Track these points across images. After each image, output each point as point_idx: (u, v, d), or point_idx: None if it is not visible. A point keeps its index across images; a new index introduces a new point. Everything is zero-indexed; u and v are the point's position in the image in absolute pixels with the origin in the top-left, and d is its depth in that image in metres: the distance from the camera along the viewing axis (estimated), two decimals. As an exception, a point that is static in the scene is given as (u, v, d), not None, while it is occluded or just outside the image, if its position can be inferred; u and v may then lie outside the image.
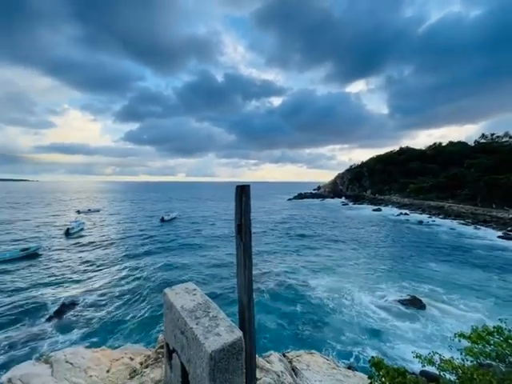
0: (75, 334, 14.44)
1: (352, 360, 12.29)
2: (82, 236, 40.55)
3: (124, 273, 24.43)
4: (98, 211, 70.70)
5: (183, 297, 2.78)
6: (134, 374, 3.41)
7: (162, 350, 3.79)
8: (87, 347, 6.23)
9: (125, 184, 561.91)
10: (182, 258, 28.77)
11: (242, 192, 3.09)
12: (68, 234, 40.55)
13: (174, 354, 2.56)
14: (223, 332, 2.16)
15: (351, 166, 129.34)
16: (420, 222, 52.72)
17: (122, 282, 22.19)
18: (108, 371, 5.04)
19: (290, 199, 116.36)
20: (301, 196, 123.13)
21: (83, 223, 47.45)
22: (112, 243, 36.20)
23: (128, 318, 16.31)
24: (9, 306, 17.45)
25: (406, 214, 64.29)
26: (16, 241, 36.16)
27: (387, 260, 27.79)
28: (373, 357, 4.50)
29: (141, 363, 3.74)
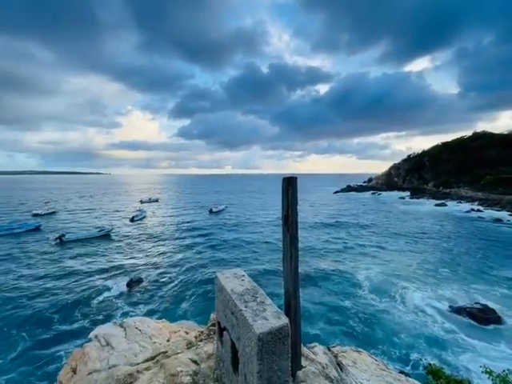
0: (140, 305, 16.72)
1: (408, 368, 11.40)
2: (144, 222, 46.20)
3: (179, 256, 27.06)
4: (157, 201, 78.89)
5: (233, 281, 2.98)
6: (190, 345, 3.84)
7: (213, 328, 4.15)
8: (151, 318, 7.20)
9: (178, 176, 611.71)
10: (229, 246, 30.35)
11: (289, 184, 3.11)
12: (133, 220, 46.53)
13: (224, 332, 2.79)
14: (270, 317, 2.27)
15: (409, 156, 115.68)
16: (497, 221, 44.76)
17: (178, 264, 24.67)
18: (168, 340, 5.75)
19: (336, 192, 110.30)
20: (349, 188, 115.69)
21: (145, 211, 53.70)
22: (168, 229, 40.32)
23: (183, 296, 18.12)
24: (89, 278, 21.13)
25: (478, 210, 55.17)
26: (94, 223, 43.36)
27: (451, 261, 24.54)
28: (430, 364, 4.14)
29: (195, 337, 4.18)
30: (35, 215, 50.34)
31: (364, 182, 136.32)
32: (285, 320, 2.24)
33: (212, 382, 2.84)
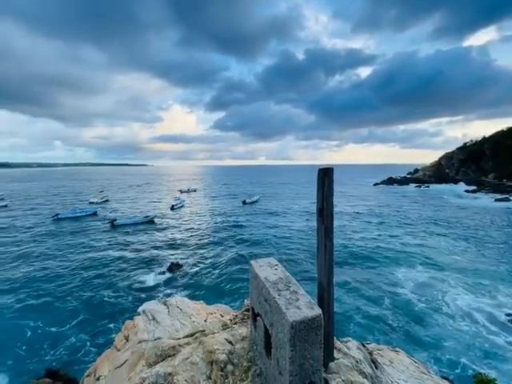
0: (180, 287, 18.13)
1: (452, 375, 10.55)
2: (183, 210, 49.31)
3: (215, 243, 28.47)
4: (195, 191, 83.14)
5: (266, 270, 3.06)
6: (225, 327, 4.09)
7: (247, 313, 4.34)
8: (190, 299, 7.79)
9: (213, 168, 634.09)
10: (262, 236, 30.87)
11: (325, 175, 3.03)
12: (173, 208, 49.90)
13: (258, 318, 2.91)
14: (303, 306, 2.29)
15: (466, 144, 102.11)
16: None
17: (214, 250, 26.00)
18: (205, 320, 6.18)
19: (376, 184, 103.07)
20: (391, 181, 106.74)
21: (184, 200, 57.10)
22: (205, 217, 42.52)
23: (218, 281, 19.10)
24: (135, 259, 23.44)
25: (553, 207, 47.03)
26: (140, 210, 47.67)
27: (510, 265, 21.54)
28: (480, 373, 3.78)
29: (230, 320, 4.42)
30: (91, 203, 57.01)
31: (408, 174, 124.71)
32: (318, 311, 2.25)
33: (246, 362, 3.00)
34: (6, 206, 53.97)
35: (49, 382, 9.18)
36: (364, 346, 6.22)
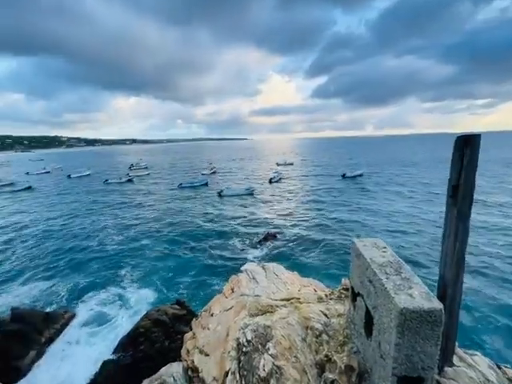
0: (274, 256, 19.74)
1: None
2: (280, 183, 51.74)
3: (312, 217, 28.89)
4: (292, 164, 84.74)
5: (372, 250, 2.90)
6: (320, 300, 4.26)
7: (344, 292, 4.32)
8: (285, 267, 8.44)
9: (311, 140, 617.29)
10: (365, 213, 28.78)
11: (467, 145, 2.43)
12: (271, 181, 53.08)
13: (358, 298, 2.86)
14: (417, 296, 2.08)
15: None
16: None
17: (310, 224, 26.52)
18: (299, 290, 6.61)
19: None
20: None
21: (281, 173, 59.55)
22: (302, 191, 43.31)
23: (313, 256, 19.59)
24: (238, 225, 26.94)
25: None
26: (242, 182, 53.50)
27: None
28: None
29: (325, 295, 4.55)
30: (203, 174, 68.58)
31: None
32: (438, 305, 1.99)
33: (341, 337, 3.08)
34: (148, 174, 73.71)
35: (177, 309, 12.51)
36: (500, 369, 5.08)
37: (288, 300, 4.65)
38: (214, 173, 71.44)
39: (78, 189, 53.44)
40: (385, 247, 3.01)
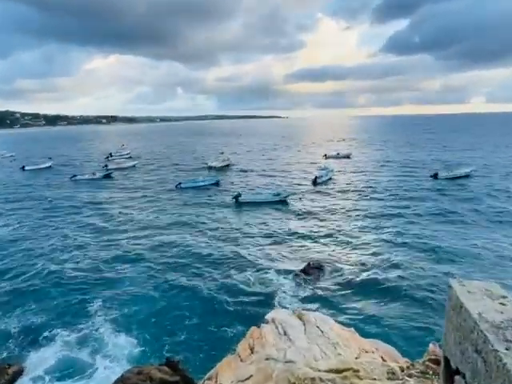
0: (317, 300, 19.58)
1: None
2: (329, 186, 51.61)
3: (381, 240, 28.42)
4: (348, 157, 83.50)
5: (481, 301, 2.74)
6: (392, 376, 4.10)
7: (433, 365, 4.12)
8: (335, 320, 8.30)
9: (382, 119, 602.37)
10: (470, 240, 27.91)
11: None
12: (316, 182, 52.88)
13: (457, 377, 2.70)
14: None
15: None
16: None
17: (380, 253, 26.01)
18: (357, 358, 6.42)
19: None
20: None
21: (331, 171, 59.09)
22: (365, 199, 42.89)
23: (381, 304, 19.03)
24: (261, 248, 27.08)
25: None
26: (269, 183, 53.86)
27: None
28: None
29: (401, 369, 4.37)
30: (210, 168, 69.87)
31: None
32: None
33: None
34: (134, 166, 77.09)
35: (167, 372, 12.77)
36: None
37: (340, 372, 4.55)
38: (227, 166, 73.23)
39: (33, 187, 57.23)
40: (504, 296, 2.85)
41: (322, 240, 29.48)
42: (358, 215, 36.21)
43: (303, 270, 22.97)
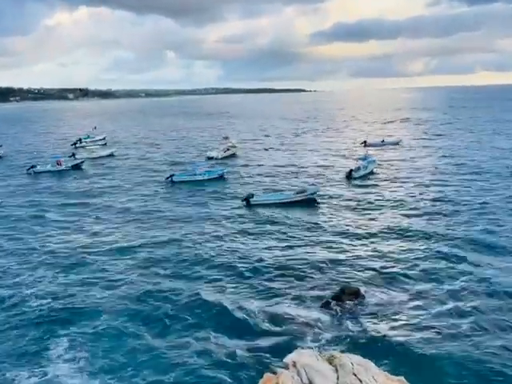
0: (356, 336, 19.10)
1: None
2: (368, 182, 51.69)
3: (442, 258, 27.96)
4: (397, 144, 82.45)
5: None
6: None
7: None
8: (376, 364, 8.11)
9: (445, 91, 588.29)
10: None
11: None
12: (350, 176, 52.83)
13: None
14: None
15: None
16: None
17: (434, 269, 25.95)
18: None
19: None
20: None
21: (373, 161, 58.75)
22: (418, 199, 42.72)
23: (441, 343, 18.47)
24: (280, 267, 26.85)
25: None
26: (289, 178, 53.95)
27: None
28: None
29: None
30: (210, 159, 70.79)
31: None
32: None
33: None
34: (111, 155, 78.16)
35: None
36: None
37: None
38: (232, 155, 74.70)
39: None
40: None
41: (361, 253, 29.45)
42: (408, 223, 35.64)
43: (336, 297, 22.59)
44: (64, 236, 35.67)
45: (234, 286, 25.36)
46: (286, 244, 31.78)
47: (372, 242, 31.65)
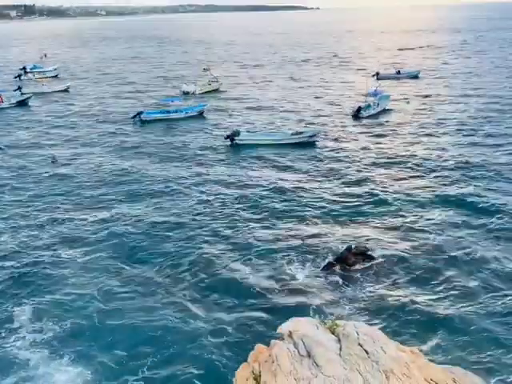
0: (360, 300, 19.57)
1: None
2: (380, 120, 51.96)
3: (451, 205, 28.79)
4: (416, 76, 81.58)
5: None
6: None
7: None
8: (386, 333, 8.24)
9: (480, 8, 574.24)
10: None
11: None
12: (358, 115, 52.80)
13: None
14: None
15: None
16: None
17: (452, 231, 26.03)
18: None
19: None
20: None
21: (386, 97, 58.37)
22: (433, 143, 42.71)
23: (460, 311, 18.86)
24: (268, 226, 27.03)
25: None
26: (285, 116, 53.61)
27: None
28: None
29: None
30: (186, 94, 70.19)
31: None
32: None
33: None
34: (66, 90, 77.34)
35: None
36: None
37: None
38: (214, 90, 74.25)
39: None
40: None
41: (367, 205, 29.74)
42: (425, 172, 35.68)
43: (340, 258, 22.79)
44: (12, 182, 35.98)
45: (218, 245, 25.46)
46: (280, 193, 32.00)
47: (378, 189, 32.07)
